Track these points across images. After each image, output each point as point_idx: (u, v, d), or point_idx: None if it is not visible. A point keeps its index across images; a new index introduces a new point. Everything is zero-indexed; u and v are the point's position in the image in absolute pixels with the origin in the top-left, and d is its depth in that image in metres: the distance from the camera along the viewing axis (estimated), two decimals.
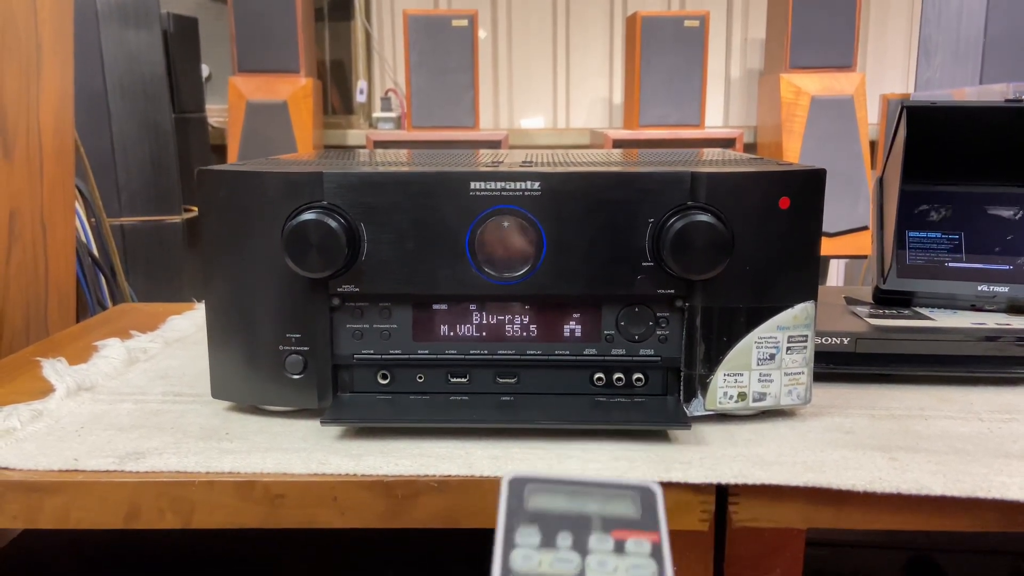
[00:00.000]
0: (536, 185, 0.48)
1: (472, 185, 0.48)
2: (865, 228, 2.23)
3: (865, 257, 2.26)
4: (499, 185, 0.48)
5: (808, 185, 0.48)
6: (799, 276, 0.49)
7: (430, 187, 0.48)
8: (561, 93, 2.84)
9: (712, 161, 0.54)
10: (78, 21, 0.91)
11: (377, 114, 2.70)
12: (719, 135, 2.37)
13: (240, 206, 0.49)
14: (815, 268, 0.49)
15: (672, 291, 0.49)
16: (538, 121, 2.86)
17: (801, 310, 0.49)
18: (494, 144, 2.35)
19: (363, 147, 2.58)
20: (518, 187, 0.48)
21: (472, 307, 0.50)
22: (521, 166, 0.51)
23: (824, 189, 0.48)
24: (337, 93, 2.89)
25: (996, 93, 1.81)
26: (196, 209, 2.28)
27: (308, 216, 0.47)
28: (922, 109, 0.63)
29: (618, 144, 2.30)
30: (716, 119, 2.80)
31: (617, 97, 2.83)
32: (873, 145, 2.34)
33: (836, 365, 0.57)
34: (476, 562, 0.52)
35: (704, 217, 0.46)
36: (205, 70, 2.59)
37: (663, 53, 2.33)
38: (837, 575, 0.64)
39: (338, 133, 2.72)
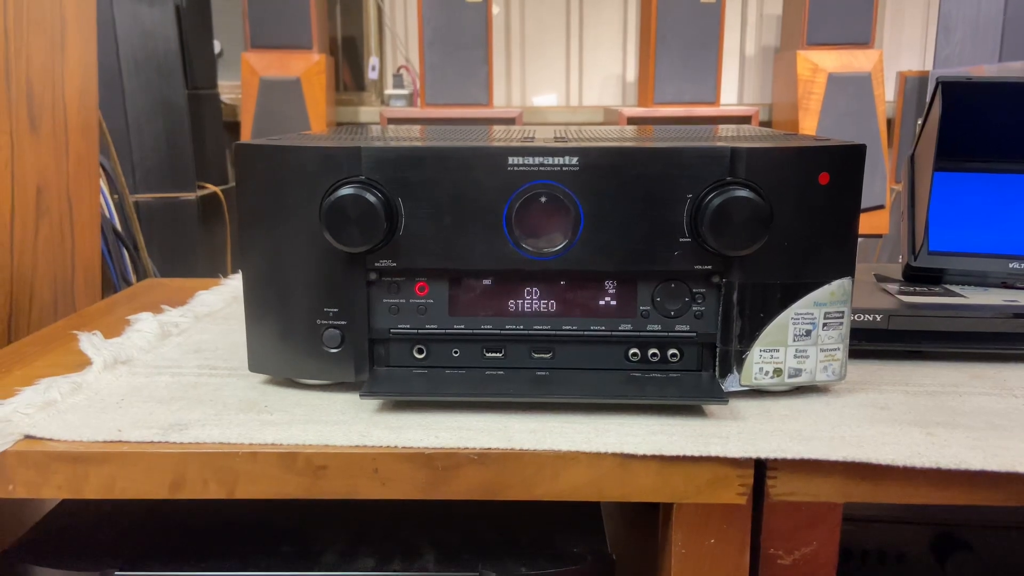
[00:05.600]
0: (574, 160, 0.48)
1: (510, 160, 0.48)
2: (881, 207, 2.22)
3: (880, 236, 2.25)
4: (537, 160, 0.48)
5: (848, 160, 0.47)
6: (837, 252, 0.49)
7: (468, 162, 0.48)
8: (574, 70, 2.83)
9: (747, 136, 0.54)
10: None
11: (389, 91, 2.69)
12: (734, 112, 2.36)
13: (278, 181, 0.49)
14: (853, 244, 0.49)
15: (709, 267, 0.49)
16: (551, 98, 2.85)
17: (838, 286, 0.49)
18: (508, 122, 2.34)
19: (376, 124, 2.58)
20: (556, 162, 0.48)
21: (508, 282, 0.51)
22: (555, 141, 0.51)
23: (864, 165, 0.48)
24: (348, 70, 2.88)
25: (1016, 70, 1.79)
26: (210, 186, 2.29)
27: (347, 191, 0.47)
28: (957, 85, 0.62)
29: (632, 122, 2.29)
30: (730, 97, 2.78)
31: (631, 74, 2.81)
32: (890, 123, 2.32)
33: (868, 342, 0.57)
34: (511, 533, 0.52)
35: (744, 192, 0.46)
36: (216, 46, 2.58)
37: (679, 30, 2.31)
38: (863, 551, 0.65)
39: (350, 110, 2.72)
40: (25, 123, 0.79)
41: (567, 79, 2.84)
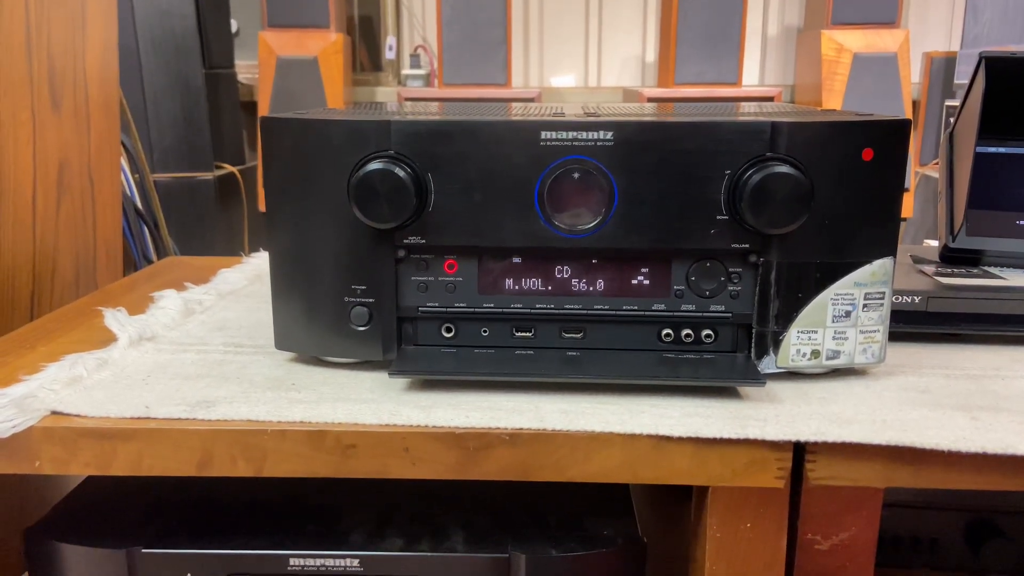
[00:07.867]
0: (609, 135, 0.46)
1: (543, 135, 0.47)
2: (905, 190, 2.18)
3: (904, 220, 2.22)
4: (571, 135, 0.47)
5: (893, 136, 0.46)
6: (879, 231, 0.47)
7: (500, 136, 0.47)
8: (593, 50, 2.80)
9: (786, 111, 0.53)
10: None
11: (406, 71, 2.67)
12: (756, 94, 2.32)
13: (305, 155, 0.48)
14: (896, 223, 0.47)
15: (747, 245, 0.47)
16: (569, 79, 2.82)
17: (880, 266, 0.48)
18: (526, 102, 2.32)
19: (393, 103, 2.56)
20: (590, 137, 0.47)
21: (539, 260, 0.49)
22: (586, 116, 0.50)
23: (909, 140, 0.46)
24: (365, 50, 2.86)
25: None
26: (227, 166, 2.28)
27: (376, 165, 0.46)
28: (1002, 61, 0.60)
29: (653, 102, 2.26)
30: (752, 78, 2.74)
31: (650, 55, 2.78)
32: (915, 105, 2.28)
33: (906, 324, 0.56)
34: (540, 515, 0.51)
35: (784, 168, 0.45)
36: (233, 25, 2.57)
37: (700, 9, 2.27)
38: (894, 537, 0.64)
39: (367, 90, 2.70)
40: (47, 100, 0.79)
41: (586, 59, 2.81)
